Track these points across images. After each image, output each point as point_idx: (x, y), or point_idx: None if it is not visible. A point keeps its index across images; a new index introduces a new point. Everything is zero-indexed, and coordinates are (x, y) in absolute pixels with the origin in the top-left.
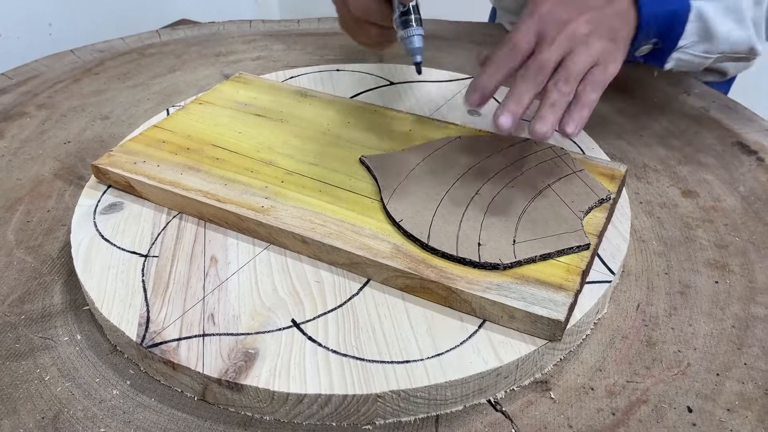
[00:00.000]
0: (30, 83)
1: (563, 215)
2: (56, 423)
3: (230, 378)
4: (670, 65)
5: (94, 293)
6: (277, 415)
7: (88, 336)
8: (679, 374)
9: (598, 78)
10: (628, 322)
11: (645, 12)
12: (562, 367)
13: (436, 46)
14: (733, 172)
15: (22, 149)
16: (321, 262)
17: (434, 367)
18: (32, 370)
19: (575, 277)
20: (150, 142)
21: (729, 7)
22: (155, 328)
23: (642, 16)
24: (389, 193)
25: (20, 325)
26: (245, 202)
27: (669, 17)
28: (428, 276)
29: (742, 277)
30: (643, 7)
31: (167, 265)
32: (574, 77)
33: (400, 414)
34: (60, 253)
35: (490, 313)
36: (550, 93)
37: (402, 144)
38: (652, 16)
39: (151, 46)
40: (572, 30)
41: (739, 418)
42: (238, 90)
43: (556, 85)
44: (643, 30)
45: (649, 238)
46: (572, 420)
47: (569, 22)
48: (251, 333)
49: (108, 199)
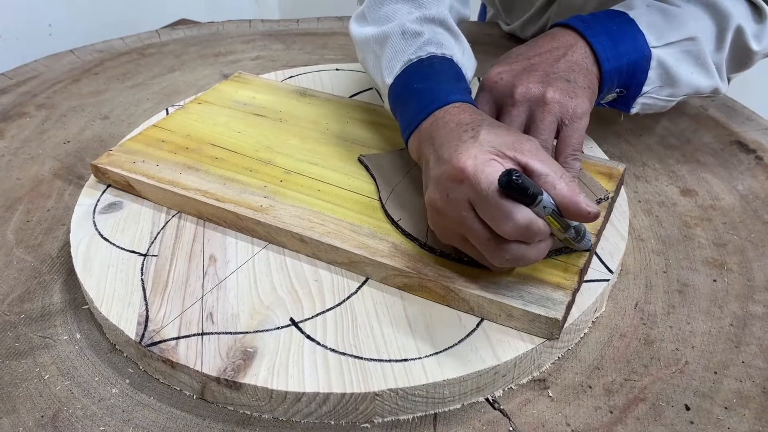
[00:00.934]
0: (30, 83)
1: None
2: (56, 421)
3: (229, 376)
4: (635, 110)
5: (93, 292)
6: (275, 414)
7: (88, 335)
8: (677, 372)
9: (572, 141)
10: (626, 320)
11: (607, 68)
12: (560, 366)
13: None
14: (731, 171)
15: (21, 149)
16: (319, 261)
17: (432, 365)
18: (32, 368)
19: (573, 275)
20: (149, 142)
21: (688, 51)
22: (154, 327)
23: (604, 73)
24: (388, 193)
25: (20, 324)
26: (244, 202)
27: (630, 68)
28: (426, 275)
29: (740, 276)
30: (604, 64)
31: (166, 264)
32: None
33: (399, 412)
34: (59, 252)
35: (488, 311)
36: None
37: (401, 143)
38: (614, 72)
39: (150, 46)
40: (523, 92)
41: (736, 416)
42: (237, 90)
43: None
44: (606, 84)
45: (648, 237)
46: (570, 418)
47: (518, 86)
48: (250, 332)
49: (107, 198)
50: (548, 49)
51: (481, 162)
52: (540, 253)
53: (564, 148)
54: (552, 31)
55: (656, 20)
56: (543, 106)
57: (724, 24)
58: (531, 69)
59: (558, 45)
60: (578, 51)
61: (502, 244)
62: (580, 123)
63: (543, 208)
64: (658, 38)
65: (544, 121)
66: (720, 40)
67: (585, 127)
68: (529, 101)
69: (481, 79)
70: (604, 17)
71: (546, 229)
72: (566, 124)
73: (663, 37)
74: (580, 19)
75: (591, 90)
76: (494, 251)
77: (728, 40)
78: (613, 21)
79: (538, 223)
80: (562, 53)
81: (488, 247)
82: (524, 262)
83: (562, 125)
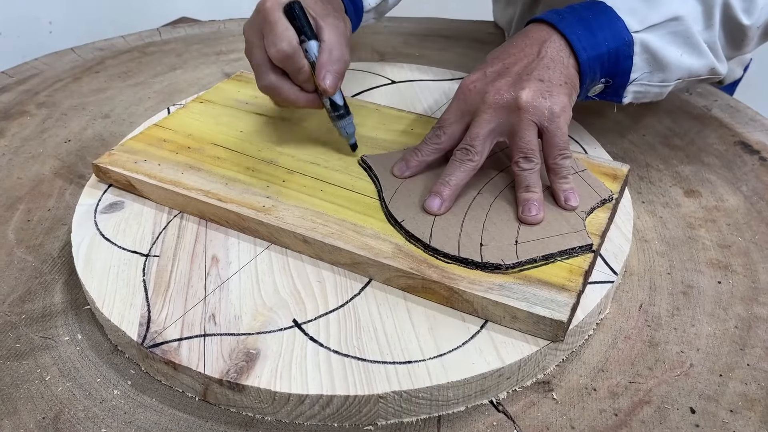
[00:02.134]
0: (30, 82)
1: (566, 215)
2: (57, 423)
3: (231, 378)
4: (628, 99)
5: (94, 293)
6: (278, 416)
7: (89, 336)
8: (681, 375)
9: (556, 142)
10: (630, 322)
11: (584, 58)
12: (564, 368)
13: (437, 44)
14: (735, 172)
15: (22, 148)
16: (322, 262)
17: (436, 367)
18: (33, 369)
19: (578, 277)
20: (151, 141)
21: (674, 32)
22: (156, 328)
23: (582, 64)
24: (391, 193)
25: (21, 324)
26: (246, 202)
27: (612, 56)
28: (430, 276)
29: (744, 278)
30: (581, 54)
31: (168, 265)
32: (531, 152)
33: (402, 415)
34: (60, 252)
35: (492, 313)
36: (519, 177)
37: (404, 143)
38: (593, 60)
39: (151, 45)
40: (496, 100)
41: (742, 419)
42: (239, 89)
43: (520, 166)
44: (588, 75)
45: (652, 238)
46: (574, 421)
47: (489, 93)
48: (252, 333)
49: (109, 198)
50: (521, 48)
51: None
52: (296, 95)
53: (550, 150)
54: (526, 29)
55: (637, 5)
56: (518, 111)
57: (709, 1)
58: (503, 73)
59: (531, 42)
60: (552, 45)
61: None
62: (559, 121)
63: (305, 51)
64: (640, 22)
65: (522, 127)
66: (708, 17)
67: (566, 124)
68: (502, 107)
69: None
70: (579, 8)
71: (305, 68)
72: (546, 126)
73: (645, 20)
74: (554, 12)
75: (569, 85)
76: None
77: (717, 16)
78: (590, 10)
79: (299, 54)
80: (536, 51)
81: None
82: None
83: (542, 127)
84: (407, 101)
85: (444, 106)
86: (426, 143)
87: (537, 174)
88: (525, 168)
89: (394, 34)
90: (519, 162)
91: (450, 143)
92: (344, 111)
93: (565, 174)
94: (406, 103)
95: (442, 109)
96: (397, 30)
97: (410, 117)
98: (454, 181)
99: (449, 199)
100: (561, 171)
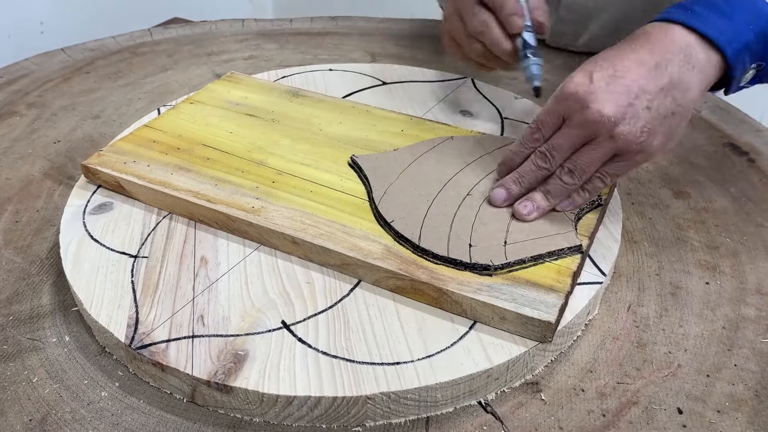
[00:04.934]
0: (20, 82)
1: (555, 217)
2: (44, 425)
3: (219, 380)
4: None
5: (82, 294)
6: (266, 417)
7: (77, 337)
8: (669, 375)
9: (614, 171)
10: (618, 323)
11: (730, 53)
12: (552, 369)
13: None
14: (724, 173)
15: (11, 148)
16: (312, 263)
17: (425, 368)
18: (20, 371)
19: (566, 278)
20: (140, 142)
21: None
22: (144, 330)
23: (729, 59)
24: (381, 194)
25: (8, 326)
26: (236, 203)
27: (760, 39)
28: (419, 277)
29: (732, 278)
30: (726, 50)
31: (157, 266)
32: (581, 171)
33: (391, 416)
34: (49, 253)
35: (480, 314)
36: (551, 180)
37: (394, 144)
38: (740, 53)
39: (142, 45)
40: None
41: (729, 420)
42: (230, 89)
43: (561, 174)
44: (737, 69)
45: (641, 239)
46: (563, 422)
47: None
48: (241, 334)
49: (98, 199)
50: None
51: None
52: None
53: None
54: (647, 29)
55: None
56: (606, 136)
57: None
58: (611, 83)
59: (652, 47)
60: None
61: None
62: (635, 158)
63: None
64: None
65: (599, 149)
66: None
67: (641, 163)
68: (596, 124)
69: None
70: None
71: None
72: (619, 155)
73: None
74: (679, 8)
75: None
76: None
77: None
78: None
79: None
80: (660, 58)
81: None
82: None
83: (617, 156)
84: (398, 102)
85: (434, 108)
86: (523, 145)
87: (569, 191)
88: (564, 180)
89: (385, 36)
90: (563, 172)
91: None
92: (536, 51)
93: (588, 188)
94: (396, 104)
95: (433, 110)
96: (389, 31)
97: (401, 118)
98: (526, 183)
99: (514, 196)
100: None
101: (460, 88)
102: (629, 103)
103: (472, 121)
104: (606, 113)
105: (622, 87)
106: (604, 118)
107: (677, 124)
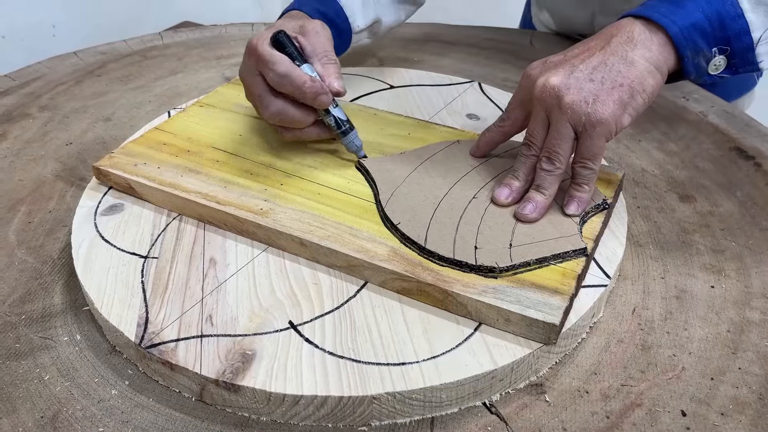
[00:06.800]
0: (33, 85)
1: (560, 220)
2: (55, 422)
3: (227, 379)
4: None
5: (93, 294)
6: (273, 416)
7: (88, 336)
8: (673, 378)
9: (581, 150)
10: (623, 325)
11: (674, 31)
12: (557, 371)
13: (436, 49)
14: (730, 178)
15: (24, 150)
16: (319, 265)
17: (430, 369)
18: (32, 369)
19: (571, 281)
20: (151, 144)
21: None
22: (154, 329)
23: (673, 37)
24: (387, 196)
25: (20, 324)
26: (244, 205)
27: (714, 20)
28: (425, 279)
29: (737, 282)
30: (670, 28)
31: (166, 267)
32: (555, 154)
33: (396, 416)
34: (61, 253)
35: (485, 316)
36: (538, 174)
37: (401, 147)
38: (687, 30)
39: (153, 49)
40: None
41: (732, 423)
42: (239, 93)
43: (542, 164)
44: (686, 46)
45: (646, 243)
46: (567, 423)
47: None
48: (249, 334)
49: (109, 200)
50: (589, 42)
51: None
52: (304, 116)
53: (576, 155)
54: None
55: None
56: (558, 110)
57: None
58: (560, 65)
59: (602, 35)
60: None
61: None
62: (593, 131)
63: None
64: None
65: (556, 126)
66: None
67: (604, 135)
68: (545, 101)
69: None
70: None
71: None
72: (580, 131)
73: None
74: (642, 5)
75: (627, 87)
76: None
77: None
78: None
79: (298, 70)
80: (602, 44)
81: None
82: (287, 116)
83: (576, 132)
84: (405, 106)
85: (441, 112)
86: (494, 125)
87: (555, 177)
88: (544, 168)
89: (393, 39)
90: (542, 161)
91: (514, 128)
92: (348, 126)
93: (580, 181)
94: (404, 107)
95: (440, 114)
96: (397, 35)
97: (408, 122)
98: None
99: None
100: (577, 177)
101: (467, 92)
102: (572, 75)
103: (479, 125)
104: (551, 83)
105: (567, 65)
106: (548, 87)
107: (630, 96)
